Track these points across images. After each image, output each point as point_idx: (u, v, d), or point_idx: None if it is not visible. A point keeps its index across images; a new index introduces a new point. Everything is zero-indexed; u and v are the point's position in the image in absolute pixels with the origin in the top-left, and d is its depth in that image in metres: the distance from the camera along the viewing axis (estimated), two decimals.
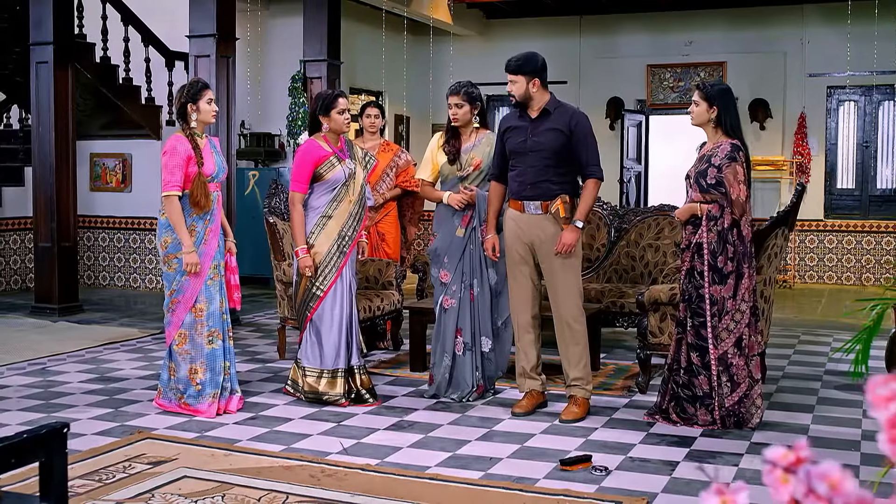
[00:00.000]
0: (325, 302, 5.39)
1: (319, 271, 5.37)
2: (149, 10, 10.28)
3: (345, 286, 5.44)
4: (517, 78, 5.22)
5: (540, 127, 5.22)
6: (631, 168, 12.44)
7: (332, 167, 5.39)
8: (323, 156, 5.40)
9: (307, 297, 5.41)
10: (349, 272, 5.47)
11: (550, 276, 5.26)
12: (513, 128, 5.33)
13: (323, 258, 5.38)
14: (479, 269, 5.59)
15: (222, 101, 8.14)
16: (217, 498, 3.89)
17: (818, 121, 11.72)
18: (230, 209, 8.23)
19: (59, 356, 6.81)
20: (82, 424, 5.04)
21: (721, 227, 4.91)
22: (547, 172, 5.21)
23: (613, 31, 12.63)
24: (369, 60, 11.86)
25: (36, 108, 8.64)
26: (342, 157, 5.45)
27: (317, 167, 5.38)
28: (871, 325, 2.78)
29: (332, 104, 5.41)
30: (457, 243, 5.60)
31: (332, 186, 5.40)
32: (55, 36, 8.47)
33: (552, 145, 5.18)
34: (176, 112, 5.22)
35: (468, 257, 5.59)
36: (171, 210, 5.07)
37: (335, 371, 5.41)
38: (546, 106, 5.24)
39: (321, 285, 5.38)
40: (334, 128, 5.45)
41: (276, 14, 11.33)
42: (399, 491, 4.01)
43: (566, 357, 5.29)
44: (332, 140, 5.47)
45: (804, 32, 11.67)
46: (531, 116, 5.26)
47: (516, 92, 5.23)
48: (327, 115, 5.44)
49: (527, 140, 5.23)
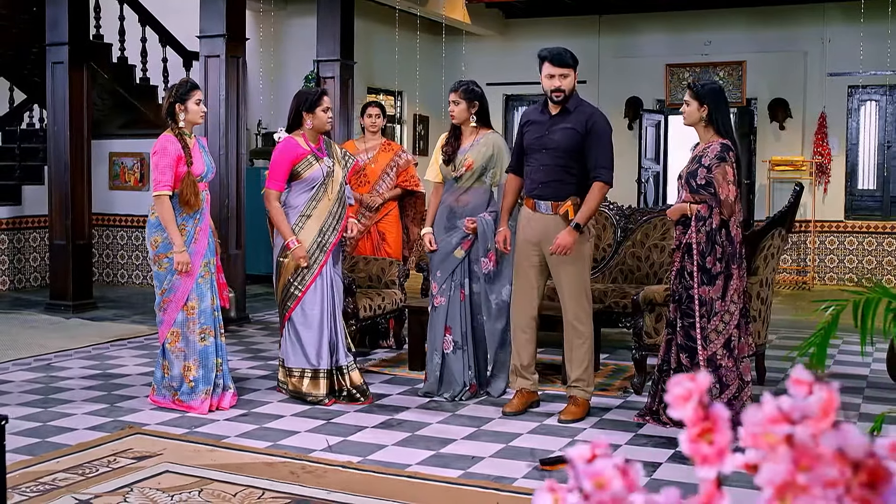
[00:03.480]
0: (303, 301, 5.38)
1: (298, 271, 5.39)
2: (166, 10, 10.40)
3: (325, 285, 5.42)
4: (568, 71, 5.07)
5: (558, 125, 5.15)
6: (649, 168, 12.38)
7: (309, 165, 5.40)
8: (301, 154, 5.40)
9: (285, 295, 5.43)
10: (331, 271, 5.45)
11: (558, 276, 5.22)
12: (532, 122, 5.25)
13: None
14: (469, 274, 5.60)
15: (232, 102, 8.21)
16: (194, 493, 3.94)
17: (839, 121, 11.58)
18: (239, 209, 8.29)
19: (65, 352, 6.91)
20: (76, 419, 5.11)
21: (710, 228, 4.88)
22: (559, 172, 5.14)
23: (632, 31, 12.57)
24: (387, 60, 11.90)
25: (52, 108, 8.77)
26: (320, 156, 5.45)
27: (294, 165, 5.38)
28: (826, 325, 2.76)
29: (318, 101, 5.43)
30: (452, 261, 5.61)
31: (309, 185, 5.40)
32: (70, 36, 8.58)
33: (566, 144, 5.10)
34: (165, 112, 5.28)
35: (461, 268, 5.61)
36: (162, 209, 5.13)
37: (317, 371, 5.42)
38: (568, 104, 5.15)
39: (300, 285, 5.38)
40: (317, 125, 5.45)
41: (293, 14, 11.41)
42: (376, 488, 4.03)
43: (569, 357, 5.27)
44: (310, 138, 5.47)
45: (825, 31, 11.54)
46: (552, 113, 5.18)
47: (567, 86, 5.08)
48: (312, 112, 5.43)
49: (543, 136, 5.17)
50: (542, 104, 5.25)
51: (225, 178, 8.10)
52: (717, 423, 1.02)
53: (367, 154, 7.12)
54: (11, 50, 9.78)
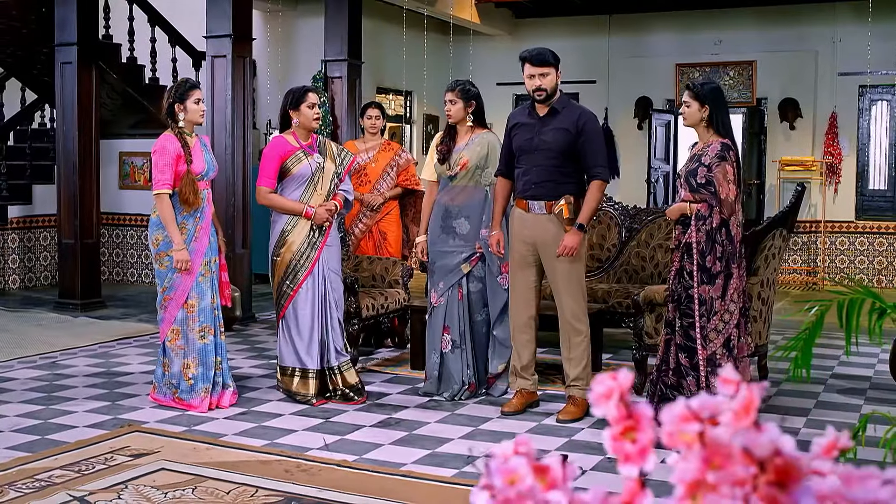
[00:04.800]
0: (295, 300, 5.39)
1: (290, 269, 5.40)
2: (177, 10, 10.45)
3: (317, 284, 5.42)
4: (548, 70, 5.09)
5: (548, 125, 5.17)
6: (659, 168, 12.34)
7: (298, 161, 5.42)
8: (290, 150, 5.42)
9: (279, 294, 5.46)
10: (325, 269, 5.45)
11: (554, 276, 5.23)
12: (521, 124, 5.27)
13: (293, 255, 5.41)
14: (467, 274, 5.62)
15: (239, 102, 8.24)
16: (188, 490, 3.96)
17: (850, 120, 11.51)
18: (246, 208, 8.32)
19: (71, 350, 6.96)
20: (77, 417, 5.15)
21: (710, 227, 4.86)
22: (552, 172, 5.16)
23: (642, 30, 12.54)
24: (397, 60, 11.91)
25: (60, 108, 8.83)
26: (309, 153, 5.47)
27: (283, 161, 5.40)
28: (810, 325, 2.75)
29: (302, 98, 5.45)
30: (457, 274, 5.62)
31: (299, 182, 5.41)
32: (79, 37, 8.64)
33: (559, 145, 5.13)
34: (165, 112, 5.31)
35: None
36: (162, 208, 5.16)
37: (306, 371, 5.43)
38: (555, 104, 5.18)
39: (291, 283, 5.40)
40: (303, 122, 5.46)
41: (304, 14, 11.44)
42: (369, 487, 4.04)
43: (567, 357, 5.27)
44: (301, 136, 5.49)
45: (836, 31, 11.48)
46: (539, 114, 5.20)
47: (549, 85, 5.10)
48: (296, 110, 5.45)
49: (534, 138, 5.18)
50: (530, 106, 5.27)
51: (231, 177, 8.13)
52: (641, 421, 1.02)
53: (368, 154, 7.16)
54: (22, 50, 9.85)
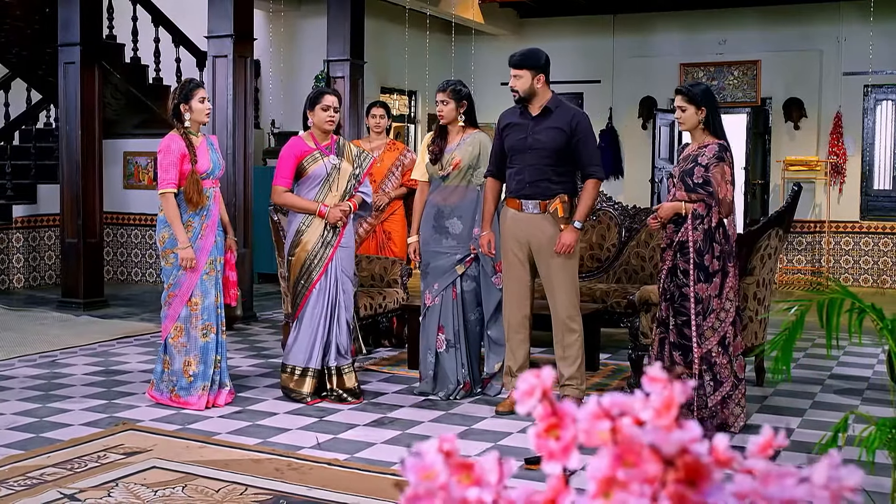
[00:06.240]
0: (309, 299, 5.44)
1: (305, 268, 5.43)
2: (179, 11, 10.48)
3: (329, 284, 5.45)
4: (521, 72, 5.19)
5: (541, 125, 5.20)
6: (663, 168, 12.32)
7: (314, 161, 5.46)
8: (306, 150, 5.48)
9: (295, 294, 5.48)
10: (338, 269, 5.49)
11: (547, 275, 5.24)
12: (513, 125, 5.30)
13: (308, 254, 5.43)
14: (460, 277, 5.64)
15: (240, 101, 8.26)
16: (178, 489, 3.98)
17: (854, 120, 11.47)
18: (247, 208, 8.35)
19: (71, 349, 6.99)
20: (73, 415, 5.17)
21: (708, 226, 4.87)
22: (546, 171, 5.19)
23: (647, 30, 12.52)
24: (401, 60, 11.92)
25: (64, 108, 8.87)
26: (325, 153, 5.50)
27: (300, 161, 5.45)
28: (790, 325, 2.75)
29: (317, 99, 5.48)
30: (451, 275, 5.63)
31: (314, 181, 5.45)
32: (82, 37, 8.67)
33: (553, 144, 5.16)
34: (170, 114, 5.34)
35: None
36: (167, 207, 5.23)
37: (305, 370, 5.46)
38: (548, 104, 5.21)
39: (306, 283, 5.44)
40: (317, 123, 5.50)
41: (307, 14, 11.46)
42: (358, 486, 4.05)
43: (561, 356, 5.27)
44: (319, 137, 5.53)
45: (840, 30, 11.44)
46: (532, 114, 5.23)
47: (520, 87, 5.19)
48: (312, 111, 5.51)
49: (527, 138, 5.21)
50: (521, 106, 5.28)
51: (232, 177, 8.15)
52: (564, 419, 1.03)
53: (373, 153, 7.17)
54: (26, 51, 9.90)
